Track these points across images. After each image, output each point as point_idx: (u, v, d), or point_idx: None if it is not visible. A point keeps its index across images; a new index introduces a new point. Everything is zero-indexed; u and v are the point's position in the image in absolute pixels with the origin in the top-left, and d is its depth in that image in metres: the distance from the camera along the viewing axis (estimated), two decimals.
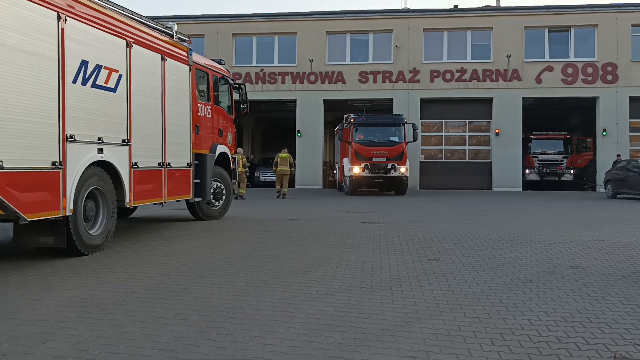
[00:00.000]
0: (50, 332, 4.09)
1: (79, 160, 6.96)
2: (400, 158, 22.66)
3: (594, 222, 12.09)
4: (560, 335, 4.12)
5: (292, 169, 21.99)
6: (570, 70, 27.78)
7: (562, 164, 29.20)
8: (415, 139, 23.47)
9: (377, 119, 24.29)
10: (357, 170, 22.53)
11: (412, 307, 4.89)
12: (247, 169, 21.67)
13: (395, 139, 23.04)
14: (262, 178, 30.97)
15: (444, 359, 3.67)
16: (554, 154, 29.38)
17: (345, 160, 23.76)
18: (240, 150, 20.27)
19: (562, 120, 34.27)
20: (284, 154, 21.64)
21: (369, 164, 22.50)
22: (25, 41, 6.06)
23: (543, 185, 28.84)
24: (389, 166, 22.51)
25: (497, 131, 28.16)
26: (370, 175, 22.67)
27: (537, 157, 29.31)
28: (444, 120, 29.31)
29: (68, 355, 3.65)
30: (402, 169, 22.57)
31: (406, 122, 23.38)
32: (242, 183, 20.40)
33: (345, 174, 23.43)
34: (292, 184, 27.16)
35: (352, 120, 23.32)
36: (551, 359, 3.67)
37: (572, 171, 29.30)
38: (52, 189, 6.48)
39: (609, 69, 27.55)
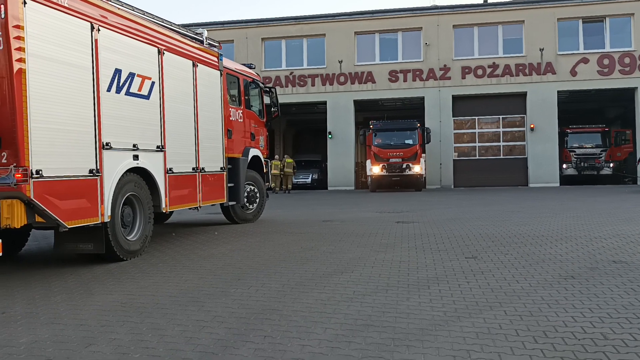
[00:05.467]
0: (92, 337, 4.16)
1: (115, 167, 7.08)
2: (415, 158, 25.26)
3: (636, 216, 11.74)
4: (606, 332, 4.00)
5: (287, 170, 27.04)
6: (606, 62, 27.09)
7: (601, 157, 28.53)
8: (428, 141, 26.08)
9: (393, 125, 26.95)
10: (376, 170, 25.54)
11: (451, 305, 4.82)
12: (295, 170, 28.04)
13: (410, 141, 25.73)
14: (294, 180, 31.14)
15: (485, 357, 3.59)
16: (592, 147, 28.74)
17: (368, 162, 26.50)
18: (287, 155, 28.00)
19: (600, 113, 33.48)
20: (275, 161, 26.58)
21: (386, 165, 25.38)
22: (62, 52, 6.21)
23: (581, 180, 28.21)
24: (404, 166, 25.22)
25: (532, 126, 27.63)
26: (388, 174, 25.44)
27: (574, 152, 28.72)
28: (476, 117, 28.92)
29: (110, 358, 3.71)
30: (417, 168, 25.24)
31: (419, 127, 25.94)
32: (290, 182, 27.40)
33: (368, 174, 26.46)
34: (324, 185, 30.27)
35: (371, 126, 26.24)
36: (598, 356, 3.55)
37: (611, 164, 28.61)
38: (90, 196, 6.61)
39: None
